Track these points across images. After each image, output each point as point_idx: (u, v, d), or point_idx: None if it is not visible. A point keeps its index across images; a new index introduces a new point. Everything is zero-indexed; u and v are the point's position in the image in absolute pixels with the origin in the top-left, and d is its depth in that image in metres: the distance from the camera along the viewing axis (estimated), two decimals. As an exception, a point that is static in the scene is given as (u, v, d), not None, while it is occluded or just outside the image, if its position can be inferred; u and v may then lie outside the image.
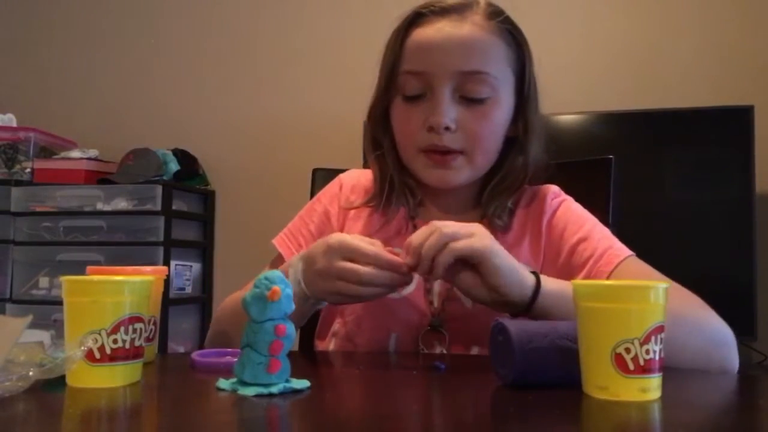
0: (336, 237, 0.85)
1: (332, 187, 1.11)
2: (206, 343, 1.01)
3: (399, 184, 1.03)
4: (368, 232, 1.01)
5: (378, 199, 1.04)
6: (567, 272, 0.95)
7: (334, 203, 1.08)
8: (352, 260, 0.82)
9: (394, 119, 1.02)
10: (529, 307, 0.82)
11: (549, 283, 0.84)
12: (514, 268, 0.82)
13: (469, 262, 0.81)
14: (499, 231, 1.00)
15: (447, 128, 0.96)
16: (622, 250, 0.96)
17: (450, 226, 0.81)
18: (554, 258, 1.00)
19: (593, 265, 0.95)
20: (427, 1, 1.00)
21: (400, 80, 0.99)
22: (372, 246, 0.83)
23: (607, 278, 0.92)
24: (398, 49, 0.99)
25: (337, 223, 1.07)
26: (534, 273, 0.84)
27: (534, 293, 0.82)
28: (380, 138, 1.05)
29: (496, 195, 1.02)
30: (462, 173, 0.99)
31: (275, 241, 1.06)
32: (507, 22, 1.00)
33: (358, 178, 1.11)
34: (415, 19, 0.99)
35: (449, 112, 0.96)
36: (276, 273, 0.68)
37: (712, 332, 0.85)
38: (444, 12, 0.98)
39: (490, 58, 0.97)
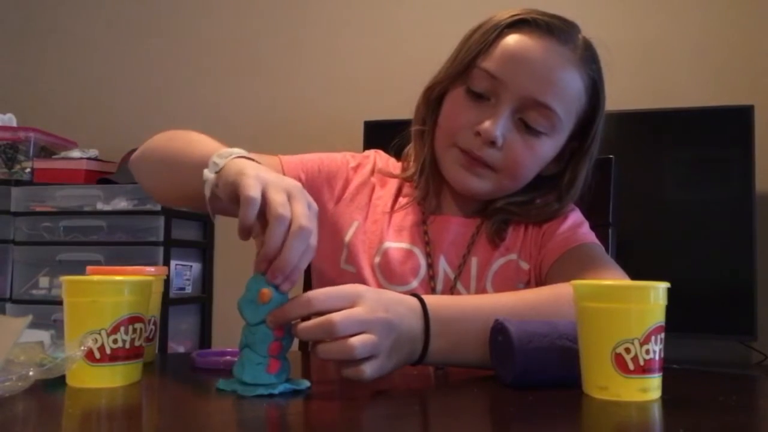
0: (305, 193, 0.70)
1: (365, 156, 1.10)
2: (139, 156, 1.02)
3: (429, 170, 1.02)
4: (389, 208, 1.03)
5: (412, 175, 1.04)
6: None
7: (367, 165, 1.07)
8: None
9: (447, 106, 0.99)
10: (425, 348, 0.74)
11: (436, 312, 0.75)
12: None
13: None
14: (491, 243, 1.00)
15: (493, 143, 0.93)
16: (585, 236, 0.98)
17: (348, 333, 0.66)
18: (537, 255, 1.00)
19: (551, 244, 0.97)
20: (533, 8, 0.97)
21: (473, 72, 0.96)
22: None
23: (556, 260, 0.96)
24: (488, 45, 0.95)
25: (361, 181, 1.05)
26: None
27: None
28: (426, 117, 1.03)
29: (507, 212, 1.01)
30: (485, 184, 0.97)
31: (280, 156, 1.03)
32: (597, 72, 0.98)
33: (386, 162, 1.10)
34: (518, 22, 0.96)
35: (503, 128, 0.93)
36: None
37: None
38: (548, 30, 0.94)
39: (565, 99, 0.95)
